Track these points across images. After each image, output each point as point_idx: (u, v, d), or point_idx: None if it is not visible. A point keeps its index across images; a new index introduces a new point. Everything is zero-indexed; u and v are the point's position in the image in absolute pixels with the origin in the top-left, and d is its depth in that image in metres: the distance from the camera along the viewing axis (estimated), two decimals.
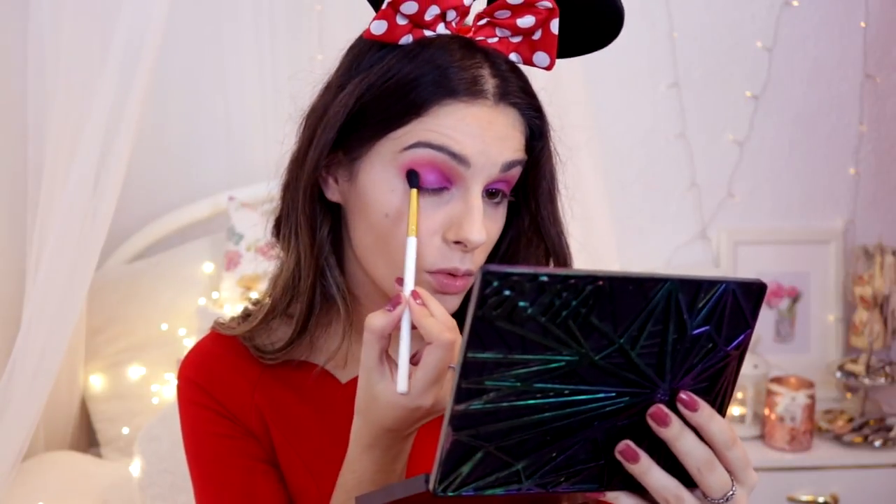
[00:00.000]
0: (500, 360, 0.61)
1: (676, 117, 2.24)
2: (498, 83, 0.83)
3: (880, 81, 2.25)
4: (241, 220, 1.98)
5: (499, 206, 0.86)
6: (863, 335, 2.19)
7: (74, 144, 1.61)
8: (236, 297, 1.92)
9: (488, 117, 0.82)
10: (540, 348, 0.61)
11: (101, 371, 1.94)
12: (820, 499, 2.01)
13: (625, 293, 0.61)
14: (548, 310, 0.60)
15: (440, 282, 0.83)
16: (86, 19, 1.64)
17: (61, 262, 1.59)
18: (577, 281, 0.60)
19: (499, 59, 0.84)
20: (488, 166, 0.82)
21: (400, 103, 0.81)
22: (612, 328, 0.62)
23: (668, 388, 0.66)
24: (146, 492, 1.64)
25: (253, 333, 0.93)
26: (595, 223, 1.91)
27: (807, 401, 2.03)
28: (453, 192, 0.82)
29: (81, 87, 1.63)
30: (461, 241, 0.81)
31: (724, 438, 0.66)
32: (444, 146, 0.80)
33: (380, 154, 0.83)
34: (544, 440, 0.64)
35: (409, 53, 0.82)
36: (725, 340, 0.66)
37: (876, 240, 2.24)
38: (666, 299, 0.63)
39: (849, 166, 2.29)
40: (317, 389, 0.93)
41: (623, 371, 0.64)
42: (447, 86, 0.81)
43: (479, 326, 0.59)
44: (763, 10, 2.22)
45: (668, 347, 0.64)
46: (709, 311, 0.64)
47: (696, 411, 0.66)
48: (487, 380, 0.61)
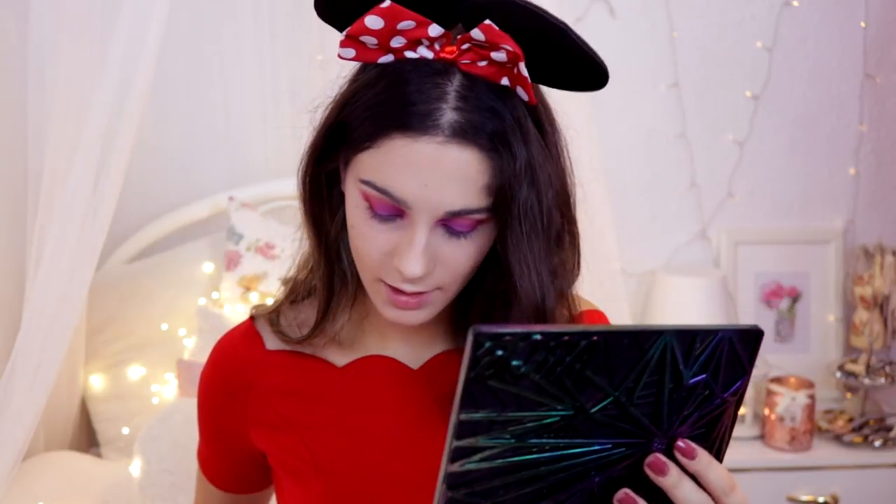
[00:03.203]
0: (493, 418, 0.60)
1: (676, 117, 2.24)
2: (456, 118, 0.76)
3: (880, 81, 2.25)
4: (241, 220, 1.98)
5: (465, 235, 0.81)
6: (863, 335, 2.19)
7: (74, 145, 1.60)
8: (236, 297, 1.92)
9: (434, 155, 0.76)
10: (534, 405, 0.61)
11: (101, 371, 1.94)
12: (820, 499, 2.01)
13: (620, 346, 0.61)
14: (542, 367, 0.59)
15: (390, 295, 0.83)
16: (86, 19, 1.64)
17: (61, 263, 1.59)
18: (571, 337, 0.59)
19: (473, 91, 0.77)
20: (431, 210, 0.78)
21: (359, 130, 0.79)
22: (607, 381, 0.61)
23: (664, 436, 0.65)
24: (146, 492, 1.64)
25: (279, 314, 0.95)
26: (595, 223, 1.91)
27: (807, 401, 2.03)
28: (405, 221, 0.80)
29: (81, 87, 1.63)
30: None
31: (723, 484, 0.66)
32: (385, 189, 0.78)
33: (350, 171, 0.82)
34: (540, 494, 0.63)
35: (378, 76, 0.79)
36: (722, 387, 0.65)
37: (876, 240, 2.24)
38: (661, 351, 0.62)
39: (849, 166, 2.29)
40: (314, 375, 0.94)
41: (619, 422, 0.63)
42: (399, 118, 0.77)
43: (473, 387, 0.59)
44: (763, 10, 2.22)
45: (664, 397, 0.63)
46: (705, 360, 0.64)
47: (693, 459, 0.65)
48: (482, 438, 0.60)
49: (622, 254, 2.09)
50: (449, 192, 0.77)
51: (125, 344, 1.94)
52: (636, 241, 2.25)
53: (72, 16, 1.63)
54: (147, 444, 1.66)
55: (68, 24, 1.63)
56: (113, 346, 1.94)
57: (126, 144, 1.65)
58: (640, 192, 2.26)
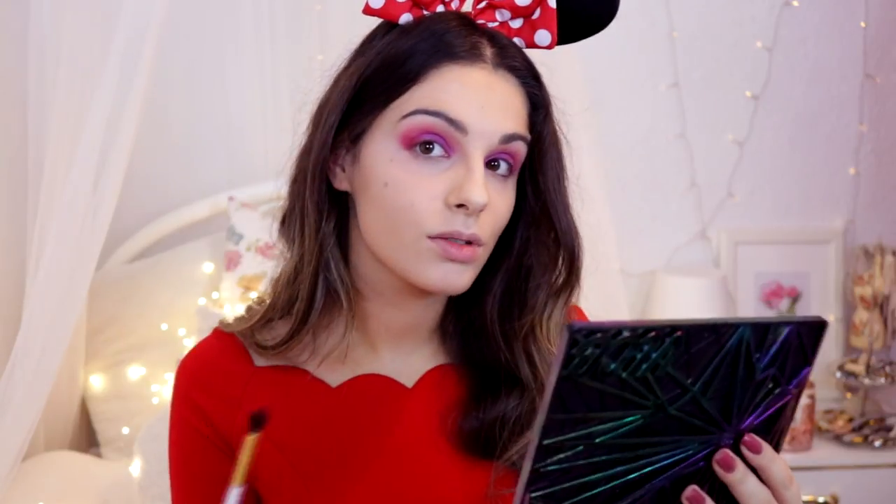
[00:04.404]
0: (579, 418, 0.60)
1: (676, 117, 2.24)
2: (496, 51, 0.83)
3: (880, 81, 2.25)
4: (241, 220, 1.98)
5: (506, 180, 0.84)
6: (863, 335, 2.19)
7: (74, 144, 1.60)
8: (236, 297, 1.92)
9: (487, 81, 0.81)
10: (618, 404, 0.61)
11: (101, 371, 1.94)
12: (820, 499, 2.01)
13: (700, 340, 0.61)
14: (629, 364, 0.59)
15: (444, 248, 0.80)
16: (86, 19, 1.64)
17: (61, 262, 1.59)
18: (657, 332, 0.59)
19: (497, 34, 0.84)
20: (487, 134, 0.80)
21: (397, 73, 0.81)
22: (685, 376, 0.62)
23: (733, 430, 0.65)
24: (146, 492, 1.64)
25: (253, 330, 0.90)
26: (595, 223, 1.91)
27: (807, 401, 2.03)
28: (454, 160, 0.81)
29: (82, 86, 1.63)
30: (463, 204, 0.80)
31: (783, 478, 0.67)
32: (440, 111, 0.79)
33: (380, 126, 0.82)
34: (613, 493, 0.63)
35: (406, 28, 0.83)
36: (787, 379, 0.66)
37: (876, 240, 2.24)
38: (738, 343, 0.62)
39: (849, 166, 2.29)
40: (305, 395, 0.90)
41: (692, 418, 0.63)
42: (444, 50, 0.80)
43: (564, 387, 0.58)
44: (763, 10, 2.22)
45: (736, 391, 0.64)
46: (775, 353, 0.64)
47: (759, 454, 0.66)
48: (566, 439, 0.60)
49: (622, 254, 2.09)
50: (502, 115, 0.81)
51: (125, 344, 1.94)
52: (636, 241, 2.25)
53: (72, 16, 1.63)
54: (147, 444, 1.66)
55: (68, 24, 1.63)
56: (113, 346, 1.94)
57: (126, 144, 1.65)
58: (640, 191, 2.26)
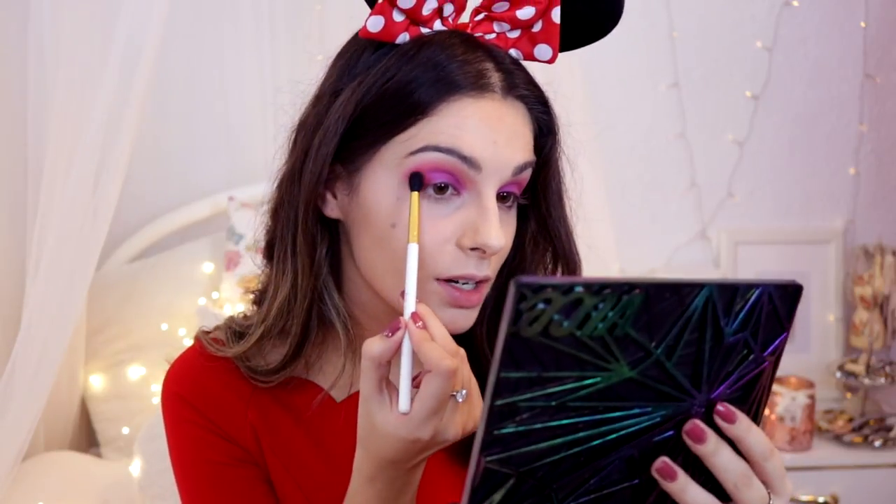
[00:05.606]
0: (533, 378, 0.57)
1: (676, 117, 2.24)
2: (503, 76, 0.79)
3: (880, 81, 2.25)
4: (241, 220, 1.98)
5: (511, 209, 0.82)
6: (863, 335, 2.19)
7: (74, 144, 1.61)
8: (236, 297, 1.92)
9: (497, 113, 0.77)
10: (575, 364, 0.57)
11: (101, 371, 1.94)
12: (820, 499, 2.01)
13: (661, 300, 0.58)
14: (583, 323, 0.56)
15: (451, 294, 0.78)
16: (86, 19, 1.64)
17: (61, 262, 1.59)
18: (613, 289, 0.56)
19: (500, 53, 0.80)
20: (501, 169, 0.77)
21: (403, 104, 0.76)
22: (647, 339, 0.58)
23: (704, 399, 0.62)
24: (146, 492, 1.64)
25: (247, 354, 0.87)
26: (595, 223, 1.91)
27: (807, 401, 2.03)
28: (465, 198, 0.77)
29: (81, 87, 1.63)
30: (478, 248, 0.77)
31: (762, 450, 0.63)
32: (453, 148, 0.75)
33: (383, 161, 0.78)
34: (577, 462, 0.60)
35: (408, 52, 0.78)
36: (761, 346, 0.63)
37: (876, 240, 2.24)
38: (703, 305, 0.59)
39: (849, 166, 2.29)
40: (310, 409, 0.88)
41: (659, 384, 0.60)
42: (452, 81, 0.76)
43: (513, 343, 0.55)
44: (763, 10, 2.22)
45: (704, 356, 0.61)
46: (745, 317, 0.61)
47: (733, 423, 0.62)
48: (520, 401, 0.57)
49: (622, 254, 2.09)
50: (513, 147, 0.78)
51: (125, 344, 1.94)
52: (636, 241, 2.25)
53: (72, 16, 1.63)
54: (147, 444, 1.66)
55: (68, 25, 1.63)
56: (113, 346, 1.94)
57: (126, 144, 1.65)
58: (640, 192, 2.26)
